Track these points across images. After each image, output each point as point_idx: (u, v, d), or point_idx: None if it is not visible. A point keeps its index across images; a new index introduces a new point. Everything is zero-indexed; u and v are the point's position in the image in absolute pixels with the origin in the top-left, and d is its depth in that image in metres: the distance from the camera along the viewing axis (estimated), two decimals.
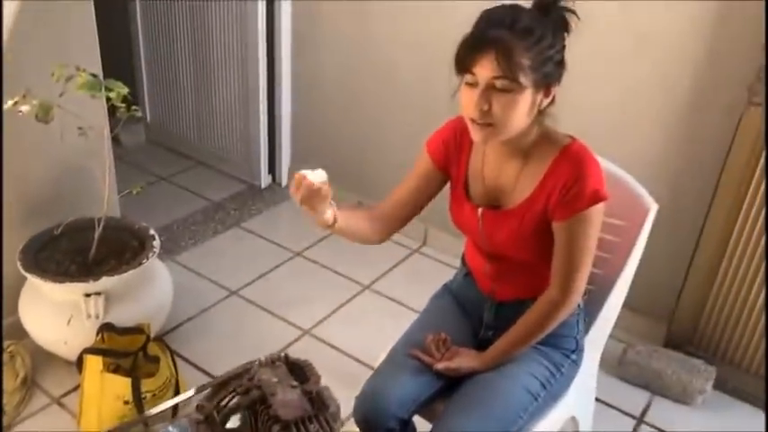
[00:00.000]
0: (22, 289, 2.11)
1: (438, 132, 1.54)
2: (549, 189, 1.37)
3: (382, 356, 1.58)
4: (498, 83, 1.26)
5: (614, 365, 2.28)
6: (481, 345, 1.56)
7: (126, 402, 1.85)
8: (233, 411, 1.08)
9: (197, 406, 1.04)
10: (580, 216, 1.35)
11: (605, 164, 1.50)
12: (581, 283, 1.42)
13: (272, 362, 1.17)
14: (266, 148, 3.31)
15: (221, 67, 3.25)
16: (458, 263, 1.74)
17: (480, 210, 1.47)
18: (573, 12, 1.32)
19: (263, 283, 2.67)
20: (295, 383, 1.10)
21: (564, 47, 1.33)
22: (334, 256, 2.85)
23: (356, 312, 2.58)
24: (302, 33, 3.04)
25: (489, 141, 1.36)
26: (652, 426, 2.13)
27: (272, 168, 3.38)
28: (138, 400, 1.84)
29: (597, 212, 1.36)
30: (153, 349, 1.99)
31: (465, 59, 1.28)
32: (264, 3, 2.98)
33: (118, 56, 2.02)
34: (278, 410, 1.03)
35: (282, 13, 3.01)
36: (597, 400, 1.93)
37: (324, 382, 1.19)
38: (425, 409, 1.51)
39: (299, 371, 1.15)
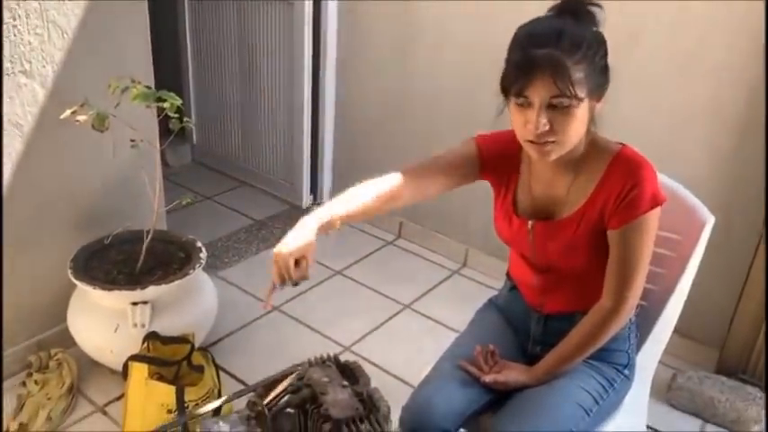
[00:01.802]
0: (72, 297, 2.15)
1: (492, 134, 1.50)
2: (604, 196, 1.35)
3: (425, 371, 1.55)
4: (555, 101, 1.25)
5: (663, 391, 2.20)
6: (529, 361, 1.52)
7: (169, 411, 1.85)
8: (283, 409, 1.07)
9: (248, 402, 1.04)
10: (637, 222, 1.32)
11: (658, 175, 1.47)
12: (636, 293, 1.38)
13: (322, 362, 1.16)
14: (309, 170, 3.35)
15: (267, 90, 3.31)
16: (499, 285, 1.72)
17: (531, 223, 1.45)
18: (596, 4, 1.30)
19: (304, 300, 2.67)
20: (345, 383, 1.09)
21: (606, 50, 1.31)
22: (374, 276, 2.85)
23: (396, 331, 2.56)
24: (346, 57, 3.09)
25: (550, 158, 1.32)
26: None
27: (314, 189, 3.41)
28: (182, 409, 1.84)
29: (654, 218, 1.34)
30: (197, 359, 2.00)
31: (517, 83, 1.26)
32: (311, 27, 3.04)
33: (167, 79, 2.08)
34: (329, 409, 1.02)
35: (328, 36, 3.06)
36: (648, 426, 1.86)
37: None
38: (472, 422, 1.47)
39: (349, 372, 1.14)
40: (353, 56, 3.05)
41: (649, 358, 1.62)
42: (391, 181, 1.47)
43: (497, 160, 1.49)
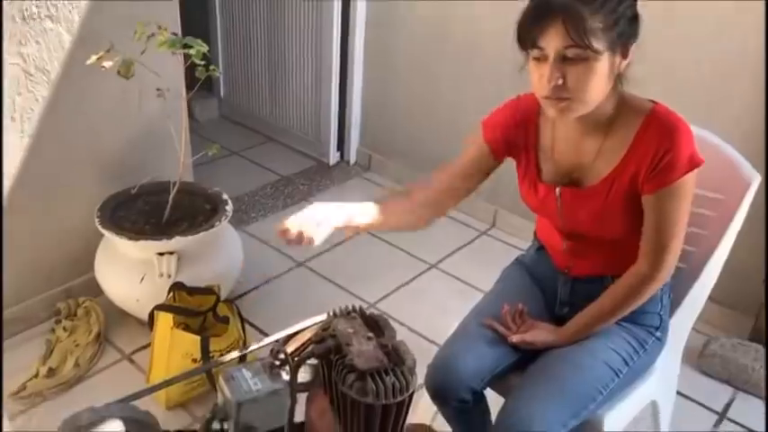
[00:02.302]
0: (99, 247, 2.16)
1: (496, 116, 1.44)
2: (636, 161, 1.28)
3: (451, 330, 1.52)
4: (570, 52, 1.17)
5: (694, 357, 2.15)
6: (556, 322, 1.48)
7: (194, 360, 1.86)
8: (307, 359, 1.05)
9: (271, 351, 1.02)
10: (673, 187, 1.26)
11: (699, 132, 1.40)
12: (673, 258, 1.32)
13: (347, 313, 1.13)
14: (336, 127, 3.30)
15: (295, 44, 3.25)
16: (526, 246, 1.67)
17: (558, 189, 1.38)
18: None
19: (330, 256, 2.65)
20: (371, 335, 1.06)
21: (634, 1, 1.21)
22: (400, 234, 2.81)
23: (421, 290, 2.54)
24: (377, 12, 3.01)
25: (567, 117, 1.26)
26: (735, 422, 2.00)
27: (341, 146, 3.37)
28: (207, 358, 1.85)
29: (691, 181, 1.27)
30: (222, 310, 2.00)
31: (530, 33, 1.19)
32: None
33: (195, 31, 2.04)
34: (354, 360, 0.99)
35: None
36: (677, 392, 1.82)
37: None
38: (499, 382, 1.45)
39: (374, 325, 1.11)
40: (384, 11, 2.97)
41: (683, 322, 1.57)
42: (415, 208, 1.46)
43: (510, 137, 1.42)
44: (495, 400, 1.45)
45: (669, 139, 1.25)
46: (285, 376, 0.99)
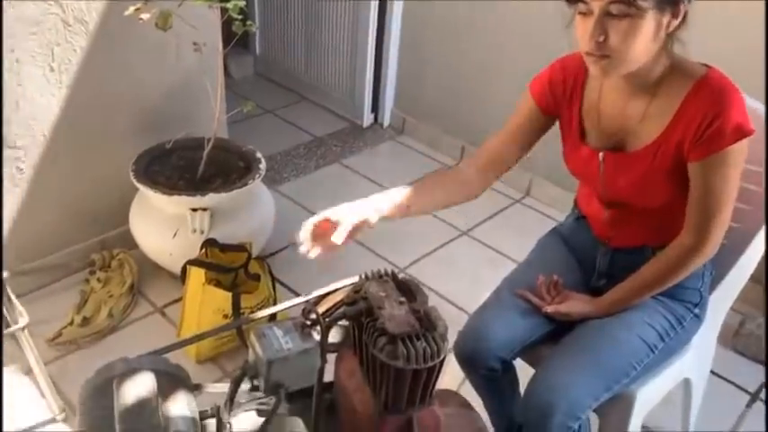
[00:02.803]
0: (134, 200, 2.17)
1: (543, 73, 1.41)
2: (683, 126, 1.23)
3: (482, 299, 1.51)
4: (614, 8, 1.12)
5: (729, 336, 2.11)
6: (592, 294, 1.45)
7: (225, 316, 1.88)
8: (338, 320, 1.04)
9: (303, 310, 1.01)
10: (721, 154, 1.20)
11: (752, 102, 1.33)
12: (719, 231, 1.27)
13: (379, 277, 1.12)
14: (371, 88, 3.26)
15: (333, 3, 3.19)
16: (562, 217, 1.63)
17: (601, 154, 1.34)
18: None
19: None
20: (403, 300, 1.05)
21: None
22: None
23: (452, 257, 2.52)
24: None
25: (609, 75, 1.22)
26: None
27: (376, 108, 3.33)
28: (238, 314, 1.87)
29: (740, 150, 1.21)
30: (254, 268, 2.01)
31: None
32: None
33: None
34: (385, 324, 0.98)
35: None
36: (710, 371, 1.78)
37: None
38: (530, 352, 1.43)
39: (407, 289, 1.10)
40: None
41: (722, 300, 1.53)
42: (462, 177, 1.44)
43: (557, 96, 1.38)
44: (524, 371, 1.43)
45: (719, 105, 1.19)
46: (316, 336, 0.99)
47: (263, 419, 0.94)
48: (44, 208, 2.11)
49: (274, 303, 2.01)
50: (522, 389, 1.42)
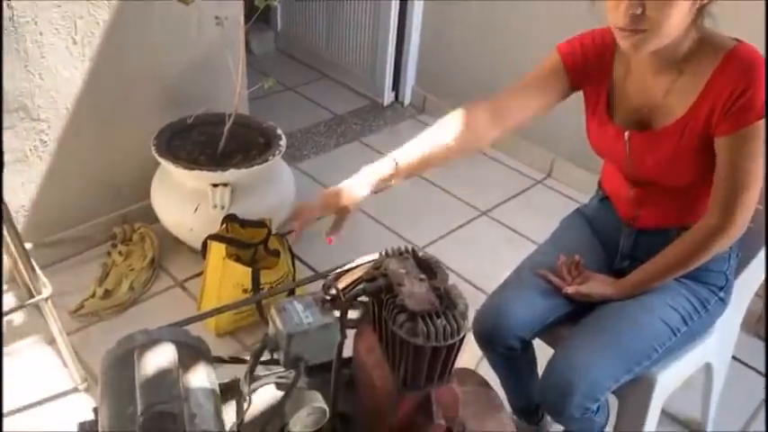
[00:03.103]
0: (155, 175, 2.18)
1: (575, 38, 1.36)
2: (711, 101, 1.19)
3: (501, 279, 1.50)
4: None
5: (752, 322, 2.08)
6: (615, 276, 1.43)
7: (245, 291, 1.89)
8: (358, 297, 1.04)
9: (323, 285, 1.01)
10: (749, 130, 1.17)
11: None
12: (745, 211, 1.24)
13: (399, 254, 1.11)
14: (392, 66, 3.23)
15: None
16: (585, 199, 1.61)
17: (627, 133, 1.31)
18: None
19: (380, 197, 2.60)
20: (423, 277, 1.04)
21: None
22: (452, 180, 2.77)
23: (471, 237, 2.51)
24: None
25: (640, 51, 1.18)
26: None
27: (397, 86, 3.30)
28: (257, 289, 1.88)
29: None
30: (274, 244, 2.02)
31: None
32: None
33: None
34: (405, 301, 0.98)
35: None
36: (732, 356, 1.76)
37: None
38: (549, 332, 1.42)
39: (427, 267, 1.09)
40: None
41: (748, 284, 1.51)
42: (473, 119, 1.31)
43: (586, 64, 1.34)
44: (542, 351, 1.43)
45: (748, 77, 1.16)
46: (335, 312, 0.99)
47: (282, 392, 0.94)
48: (67, 181, 2.13)
49: (293, 280, 2.02)
50: (540, 370, 1.42)
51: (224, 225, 2.00)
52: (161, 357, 0.88)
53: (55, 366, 1.85)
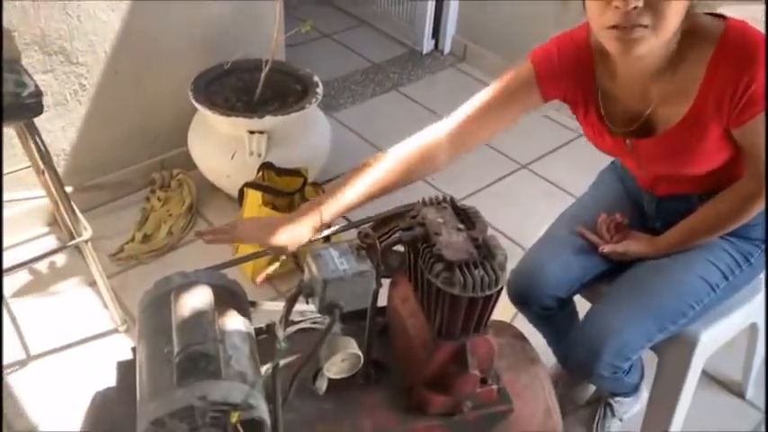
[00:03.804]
0: (192, 121, 2.18)
1: (552, 42, 1.24)
2: (715, 97, 1.11)
3: (538, 234, 1.46)
4: None
5: None
6: (651, 234, 1.37)
7: None
8: (394, 245, 1.02)
9: (359, 233, 0.99)
10: (763, 115, 1.09)
11: None
12: None
13: (437, 203, 1.08)
14: (432, 13, 3.14)
15: None
16: None
17: (629, 142, 1.22)
18: None
19: None
20: (461, 227, 1.02)
21: None
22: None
23: (509, 190, 2.46)
24: None
25: (636, 52, 1.05)
26: None
27: (436, 34, 3.22)
28: None
29: None
30: (309, 193, 2.01)
31: None
32: None
33: None
34: (442, 250, 0.96)
35: None
36: None
37: None
38: (588, 289, 1.39)
39: (465, 217, 1.06)
40: None
41: None
42: (429, 153, 1.23)
43: (563, 73, 1.22)
44: (585, 306, 1.40)
45: (749, 66, 1.06)
46: (371, 260, 0.97)
47: (317, 338, 0.94)
48: (106, 125, 2.14)
49: (328, 228, 2.01)
50: None
51: (260, 173, 1.99)
52: (197, 299, 0.88)
53: (96, 308, 1.90)
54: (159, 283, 0.94)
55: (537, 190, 2.45)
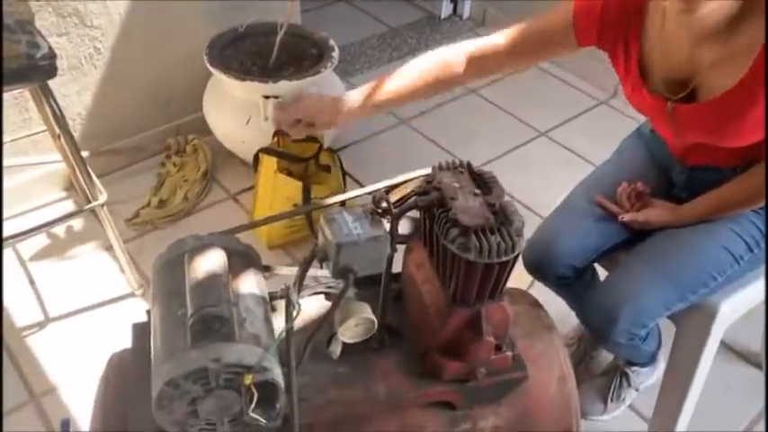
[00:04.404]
0: (207, 86, 2.16)
1: None
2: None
3: (556, 203, 1.44)
4: None
5: None
6: (675, 203, 1.34)
7: (296, 205, 1.89)
8: (409, 210, 1.01)
9: (373, 198, 0.98)
10: None
11: None
12: None
13: (454, 168, 1.07)
14: None
15: None
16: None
17: (670, 105, 1.17)
18: None
19: (434, 115, 2.56)
20: (478, 192, 1.00)
21: None
22: (510, 98, 2.66)
23: (528, 158, 2.43)
24: None
25: (704, 11, 1.01)
26: None
27: None
28: (308, 204, 1.87)
29: None
30: (324, 159, 1.99)
31: None
32: None
33: None
34: (458, 215, 0.94)
35: None
36: None
37: None
38: (607, 258, 1.37)
39: (482, 182, 1.04)
40: None
41: None
42: (455, 58, 1.29)
43: (605, 26, 1.17)
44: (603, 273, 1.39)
45: None
46: (386, 225, 0.96)
47: (331, 302, 0.94)
48: (121, 90, 2.13)
49: None
50: None
51: (275, 138, 1.97)
52: (211, 262, 0.87)
53: (113, 271, 1.92)
54: (173, 245, 0.94)
55: (556, 158, 2.42)
